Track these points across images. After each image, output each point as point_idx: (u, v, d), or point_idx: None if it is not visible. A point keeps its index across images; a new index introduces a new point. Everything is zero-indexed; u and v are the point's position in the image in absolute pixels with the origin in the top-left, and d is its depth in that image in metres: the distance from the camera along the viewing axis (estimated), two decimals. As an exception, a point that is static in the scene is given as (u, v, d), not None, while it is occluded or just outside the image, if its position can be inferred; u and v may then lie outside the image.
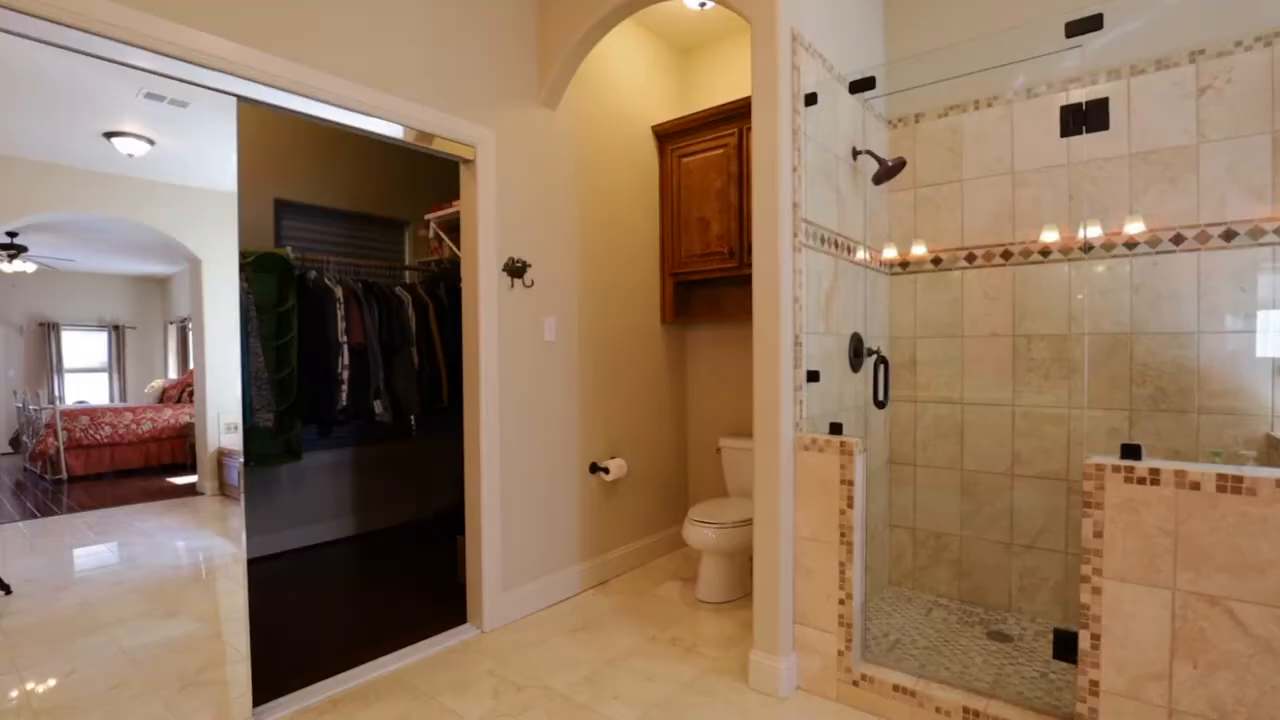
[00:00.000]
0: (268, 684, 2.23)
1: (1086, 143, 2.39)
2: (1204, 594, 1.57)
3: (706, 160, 3.39)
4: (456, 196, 2.80)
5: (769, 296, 2.19)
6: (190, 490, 2.79)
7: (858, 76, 2.38)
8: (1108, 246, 2.38)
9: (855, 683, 2.12)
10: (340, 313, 3.35)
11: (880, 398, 2.33)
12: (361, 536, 4.13)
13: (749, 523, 2.85)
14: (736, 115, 3.22)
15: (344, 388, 3.34)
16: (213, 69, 1.91)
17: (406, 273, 4.27)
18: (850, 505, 2.11)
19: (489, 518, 2.68)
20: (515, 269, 2.78)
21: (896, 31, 2.92)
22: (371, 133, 2.36)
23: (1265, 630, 1.51)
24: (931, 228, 2.80)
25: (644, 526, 3.54)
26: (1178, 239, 2.27)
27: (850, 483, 2.10)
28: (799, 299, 2.21)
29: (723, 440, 3.37)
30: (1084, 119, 1.78)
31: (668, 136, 3.56)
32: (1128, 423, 2.35)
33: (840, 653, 2.15)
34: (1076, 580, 1.73)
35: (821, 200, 2.38)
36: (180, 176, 2.23)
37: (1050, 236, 2.53)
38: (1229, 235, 2.19)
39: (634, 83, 3.49)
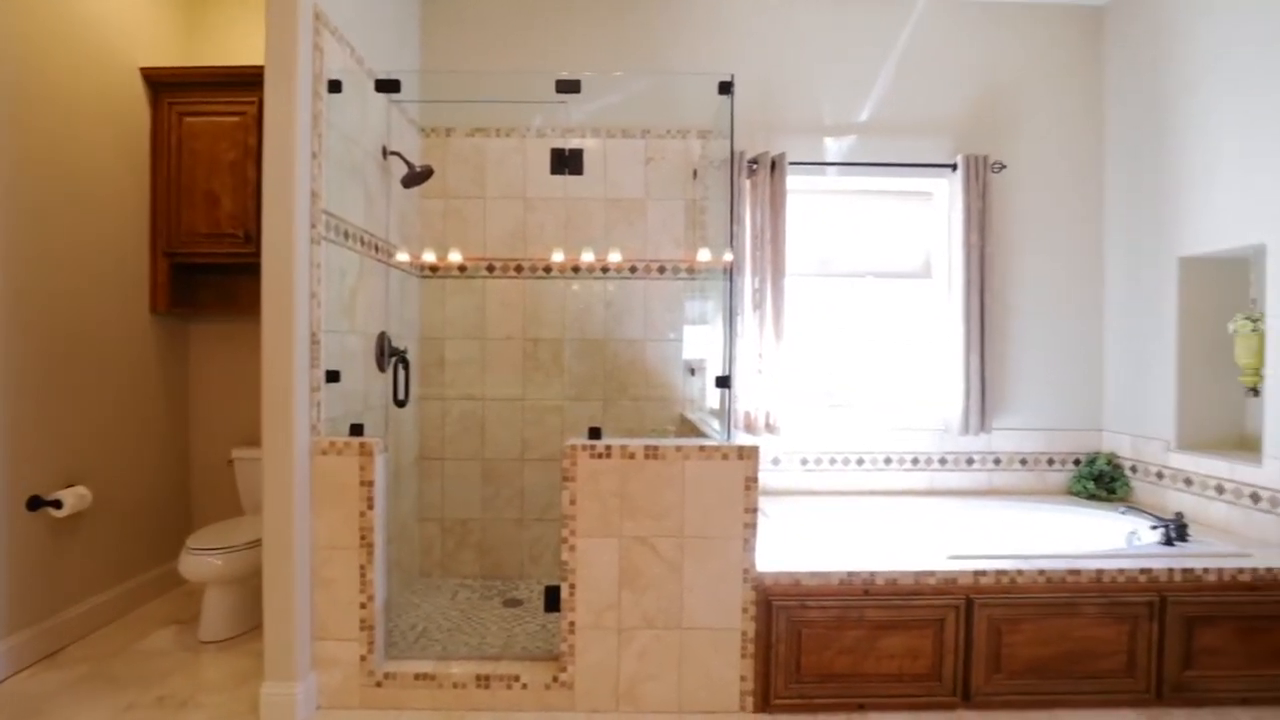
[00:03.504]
0: None
1: (578, 183, 2.95)
2: (638, 536, 2.10)
3: (219, 126, 2.90)
4: None
5: (281, 290, 2.01)
6: None
7: (388, 76, 2.38)
8: (590, 269, 3.00)
9: (379, 684, 2.12)
10: None
11: (400, 397, 2.39)
12: None
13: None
14: (259, 83, 2.82)
15: None
16: None
17: None
18: (371, 506, 2.09)
19: None
20: None
21: (432, 44, 3.05)
22: None
23: (671, 555, 2.10)
24: (460, 236, 3.02)
25: (124, 568, 2.81)
26: (633, 269, 3.02)
27: (370, 483, 2.09)
28: (317, 294, 2.10)
29: (236, 451, 2.94)
30: (567, 163, 2.19)
31: (166, 86, 2.91)
32: (602, 410, 2.99)
33: (363, 658, 2.12)
34: (565, 542, 2.11)
35: (347, 194, 2.30)
36: None
37: (558, 257, 3.01)
38: (662, 269, 3.01)
39: (118, 7, 2.74)
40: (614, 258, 2.99)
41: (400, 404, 2.43)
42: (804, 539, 2.41)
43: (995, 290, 3.04)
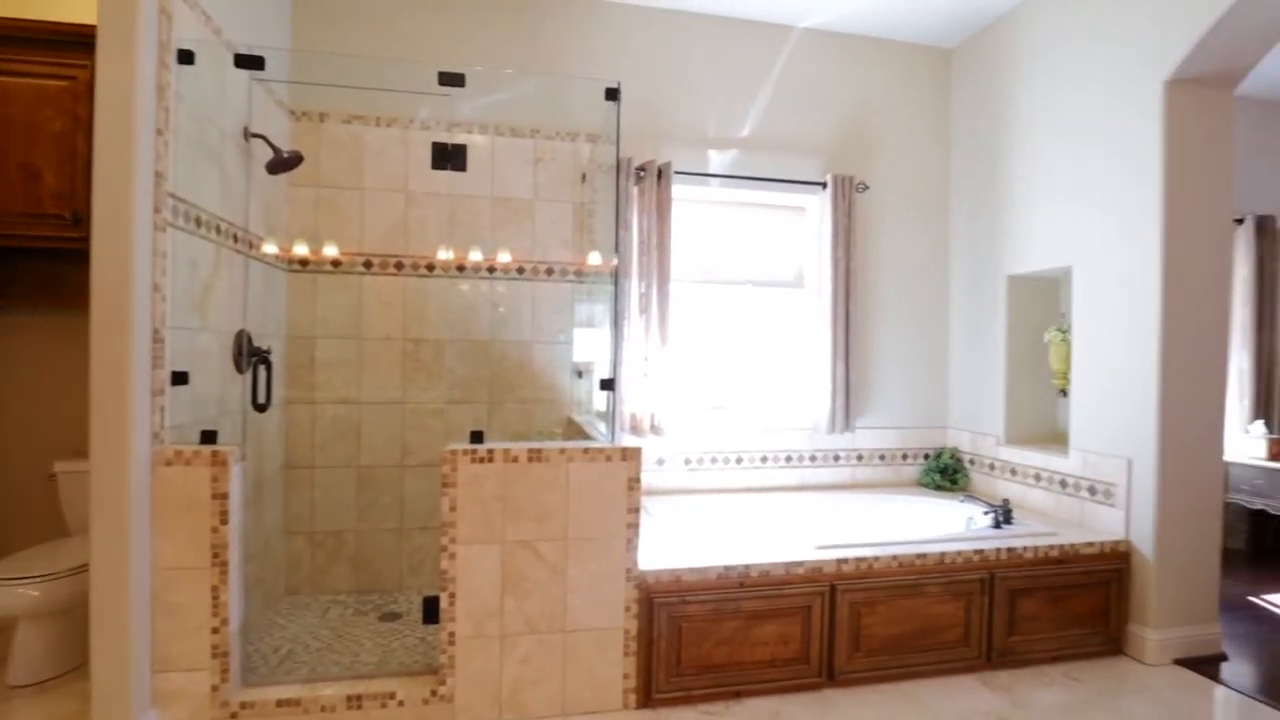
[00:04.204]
0: None
1: (464, 179, 2.85)
2: (521, 541, 2.07)
3: (40, 89, 2.52)
4: None
5: (116, 280, 1.80)
6: None
7: (250, 51, 2.19)
8: (476, 269, 2.92)
9: (234, 715, 1.94)
10: None
11: (261, 400, 2.20)
12: None
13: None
14: (94, 44, 2.50)
15: None
16: None
17: None
18: (225, 522, 1.92)
19: None
20: None
21: (304, 22, 2.84)
22: None
23: (554, 559, 2.09)
24: (333, 229, 2.84)
25: (-97, 605, 2.37)
26: (520, 270, 2.98)
27: (224, 496, 1.91)
28: (161, 287, 1.89)
29: (60, 464, 2.57)
30: (449, 158, 2.12)
31: (-33, 38, 2.50)
32: (487, 413, 2.92)
33: (215, 688, 1.93)
34: (448, 551, 2.04)
35: (200, 177, 2.10)
36: None
37: (444, 255, 2.90)
38: (550, 271, 3.00)
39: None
40: (502, 258, 2.93)
41: (261, 408, 2.24)
42: (685, 536, 2.49)
43: (859, 301, 3.30)
